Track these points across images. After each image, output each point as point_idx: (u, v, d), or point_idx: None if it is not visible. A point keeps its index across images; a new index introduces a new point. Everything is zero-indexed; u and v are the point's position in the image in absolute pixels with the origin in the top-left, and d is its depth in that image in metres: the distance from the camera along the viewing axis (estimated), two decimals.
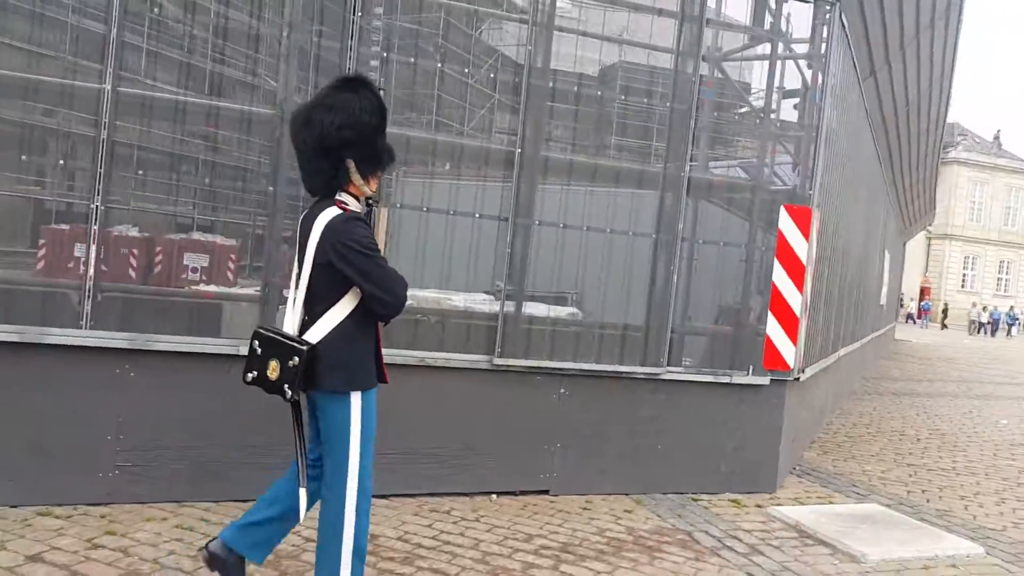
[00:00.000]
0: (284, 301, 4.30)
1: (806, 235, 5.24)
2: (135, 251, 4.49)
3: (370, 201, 2.89)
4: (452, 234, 4.69)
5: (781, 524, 4.63)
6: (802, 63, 5.63)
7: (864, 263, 11.72)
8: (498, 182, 4.67)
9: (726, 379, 5.17)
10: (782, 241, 5.20)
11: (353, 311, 2.75)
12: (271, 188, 4.33)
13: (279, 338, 2.76)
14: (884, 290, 16.91)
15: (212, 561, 2.96)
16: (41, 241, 4.31)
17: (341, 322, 2.75)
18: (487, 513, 4.36)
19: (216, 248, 4.77)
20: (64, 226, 4.37)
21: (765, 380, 5.24)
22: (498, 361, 4.60)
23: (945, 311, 48.20)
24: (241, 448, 4.15)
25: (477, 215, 4.69)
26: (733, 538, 4.30)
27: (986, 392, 13.25)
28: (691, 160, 4.97)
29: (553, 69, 4.69)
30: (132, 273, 4.45)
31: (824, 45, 5.33)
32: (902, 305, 47.92)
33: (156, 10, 4.37)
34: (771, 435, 5.33)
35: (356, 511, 2.80)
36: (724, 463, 5.23)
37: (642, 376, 4.96)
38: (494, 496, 4.64)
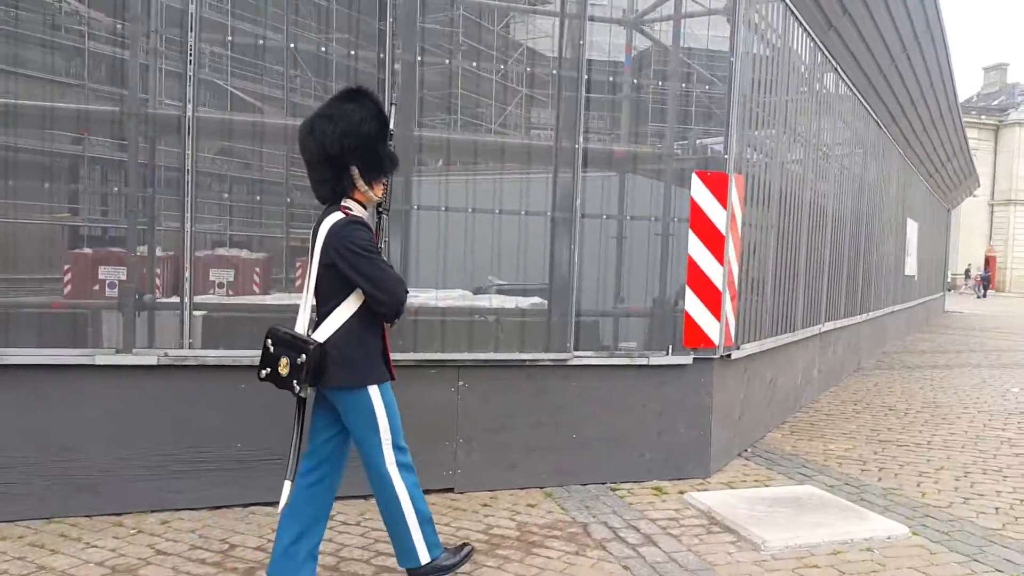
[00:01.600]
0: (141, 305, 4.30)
1: (723, 202, 4.91)
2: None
3: (380, 209, 3.04)
4: None
5: (694, 511, 4.31)
6: (718, 19, 5.28)
7: (872, 232, 11.14)
8: None
9: (643, 361, 4.87)
10: (696, 210, 4.87)
11: (358, 310, 2.92)
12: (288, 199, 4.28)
13: (289, 336, 2.92)
14: (910, 260, 16.09)
15: None
16: (66, 266, 4.41)
17: (347, 320, 2.91)
18: (374, 516, 4.16)
19: (241, 263, 4.87)
20: (88, 250, 4.45)
21: (687, 359, 4.93)
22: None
23: (986, 280, 44.71)
24: (112, 460, 4.05)
25: None
26: (632, 528, 4.02)
27: (1016, 361, 12.44)
28: (585, 132, 4.67)
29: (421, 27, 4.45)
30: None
31: None
32: (968, 275, 45.58)
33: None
34: (699, 417, 5.01)
35: (405, 484, 3.02)
36: (648, 450, 4.92)
37: (548, 363, 4.70)
38: None
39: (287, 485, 2.95)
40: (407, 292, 3.00)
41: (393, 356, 4.39)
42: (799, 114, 7.05)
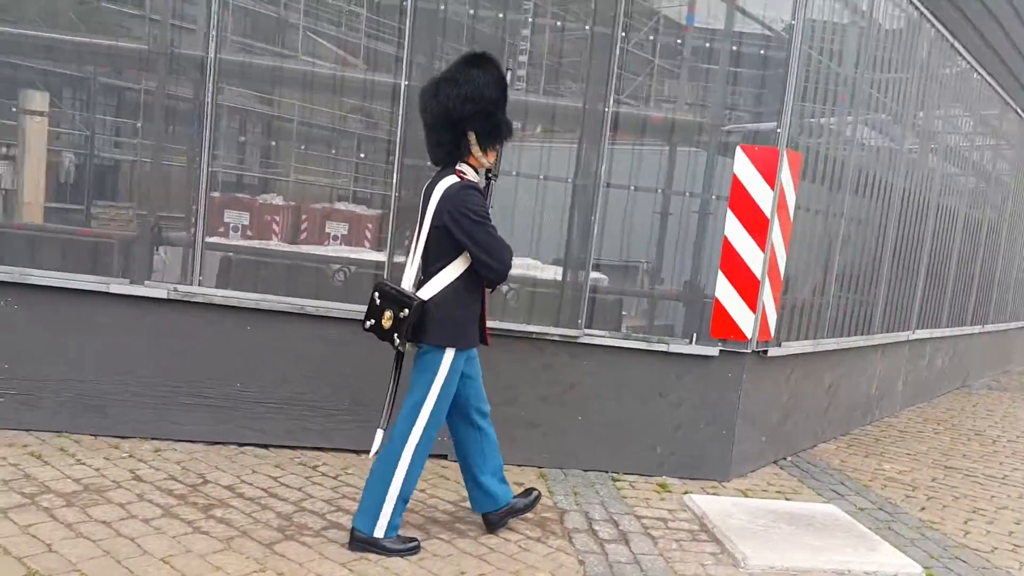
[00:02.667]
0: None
1: (771, 181, 4.45)
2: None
3: (489, 174, 3.10)
4: None
5: (688, 515, 3.98)
6: None
7: (999, 235, 9.98)
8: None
9: (662, 347, 4.53)
10: (738, 188, 4.44)
11: (463, 273, 3.00)
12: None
13: (395, 292, 3.03)
14: None
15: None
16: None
17: (452, 282, 3.00)
18: (356, 471, 4.12)
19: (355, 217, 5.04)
20: (216, 194, 4.78)
21: (713, 350, 4.54)
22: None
23: None
24: (121, 384, 4.21)
25: None
26: (611, 523, 3.76)
27: None
28: (616, 93, 4.33)
29: None
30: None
31: None
32: None
33: None
34: (723, 415, 4.62)
35: (414, 453, 3.09)
36: (661, 443, 4.60)
37: (557, 338, 4.45)
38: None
39: (379, 433, 3.12)
40: (512, 258, 3.06)
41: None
42: (898, 94, 6.31)
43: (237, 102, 4.67)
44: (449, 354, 3.05)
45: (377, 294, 3.07)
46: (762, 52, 4.55)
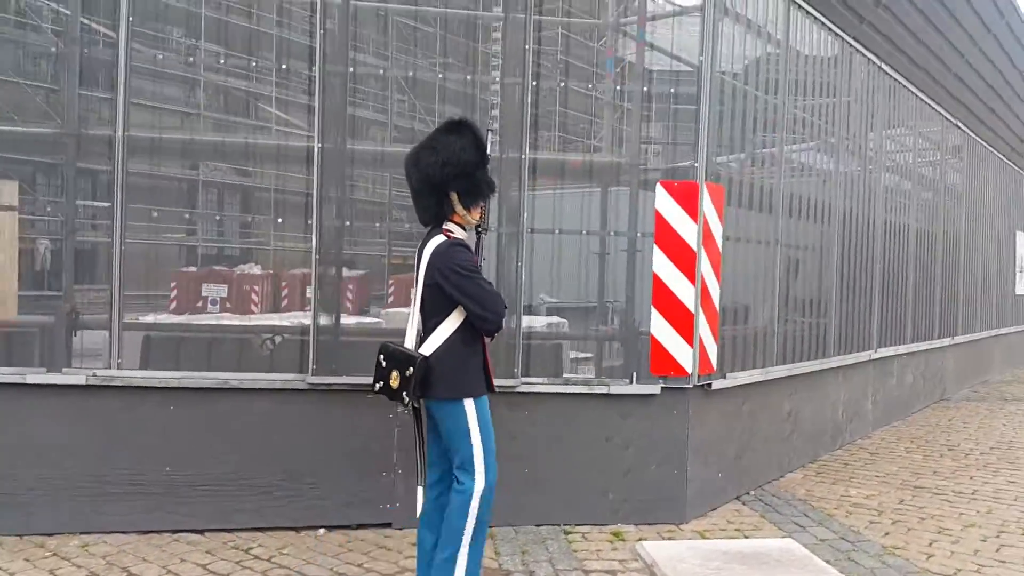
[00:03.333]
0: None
1: (693, 215, 4.41)
2: None
3: (479, 229, 3.21)
4: None
5: (639, 564, 3.82)
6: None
7: (958, 246, 10.02)
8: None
9: (602, 389, 4.42)
10: (661, 224, 4.39)
11: (460, 326, 3.07)
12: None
13: (399, 351, 3.11)
14: None
15: None
16: (172, 284, 4.65)
17: (450, 336, 3.07)
18: (293, 551, 3.94)
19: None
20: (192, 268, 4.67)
21: (654, 388, 4.43)
22: (312, 379, 4.19)
23: None
24: (44, 479, 4.04)
25: None
26: None
27: None
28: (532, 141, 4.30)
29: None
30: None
31: None
32: None
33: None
34: (673, 454, 4.48)
35: (481, 500, 3.13)
36: (612, 489, 4.46)
37: (496, 390, 4.31)
38: (321, 531, 4.21)
39: (419, 491, 3.21)
40: (506, 308, 3.19)
41: (325, 380, 4.27)
42: (828, 118, 6.37)
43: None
44: (469, 405, 3.13)
45: (382, 356, 3.16)
46: (672, 90, 4.57)
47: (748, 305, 5.31)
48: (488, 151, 3.19)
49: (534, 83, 4.29)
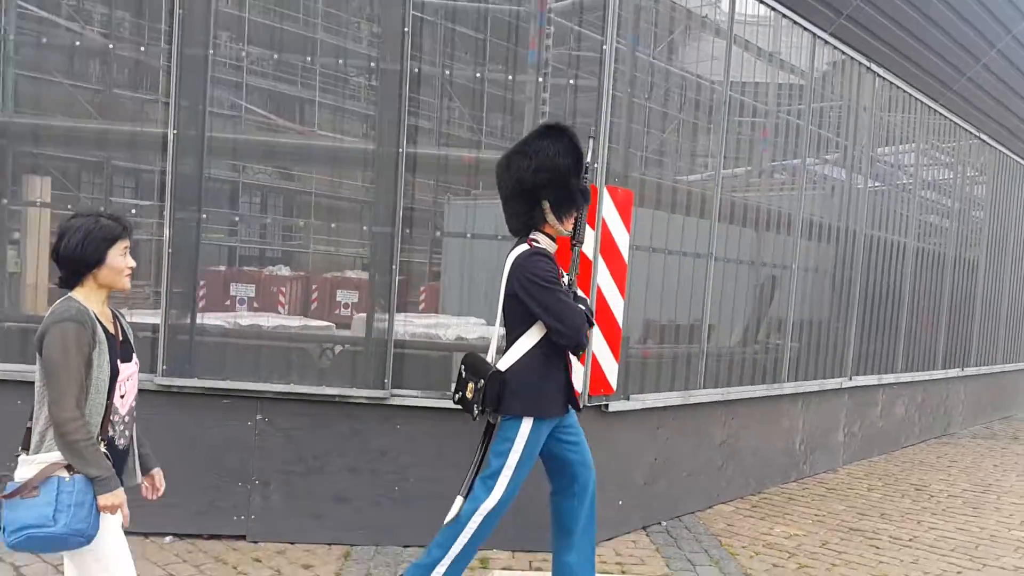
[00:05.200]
0: None
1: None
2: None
3: (573, 242, 3.10)
4: None
5: None
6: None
7: (973, 270, 9.31)
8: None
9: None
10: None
11: (540, 341, 2.97)
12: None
13: (478, 362, 3.07)
14: None
15: None
16: (201, 282, 4.70)
17: (529, 350, 2.98)
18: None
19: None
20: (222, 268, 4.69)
21: None
22: (161, 381, 3.98)
23: None
24: None
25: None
26: None
27: None
28: (411, 135, 4.02)
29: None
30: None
31: None
32: None
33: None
34: None
35: (484, 519, 3.05)
36: None
37: (363, 401, 4.07)
38: (168, 539, 4.00)
39: (458, 500, 3.09)
40: (589, 323, 3.02)
41: (177, 382, 4.05)
42: (785, 111, 5.92)
43: None
44: (526, 424, 2.99)
45: (463, 366, 3.10)
46: (571, 81, 4.24)
47: (674, 323, 4.92)
48: (587, 158, 3.08)
49: (415, 70, 4.02)
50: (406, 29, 3.95)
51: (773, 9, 5.56)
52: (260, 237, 7.03)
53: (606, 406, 4.28)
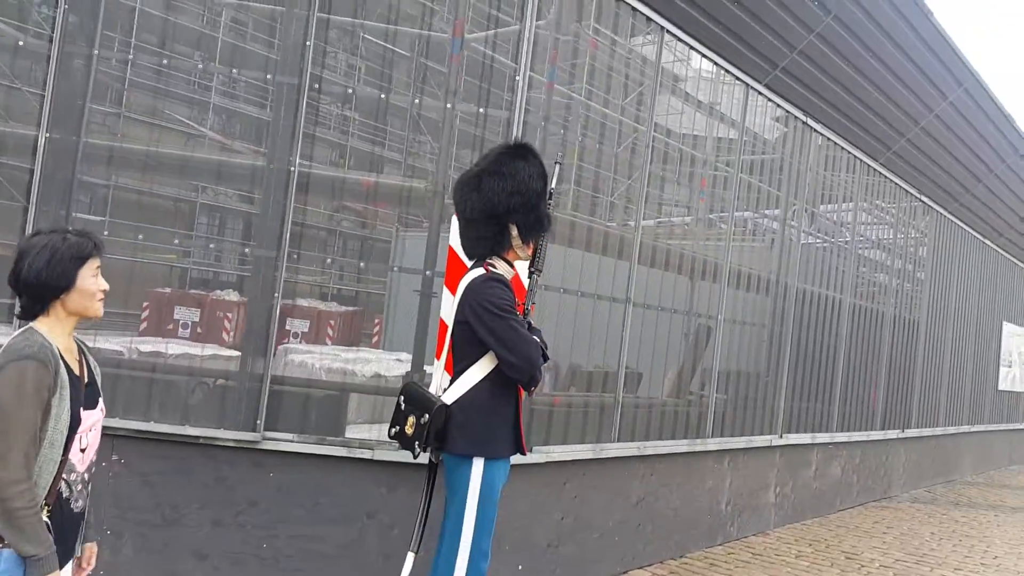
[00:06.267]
0: None
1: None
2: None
3: (532, 269, 2.92)
4: None
5: None
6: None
7: (912, 332, 9.23)
8: None
9: (366, 454, 3.74)
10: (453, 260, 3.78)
11: (491, 373, 2.75)
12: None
13: (420, 394, 2.82)
14: (1009, 372, 13.43)
15: None
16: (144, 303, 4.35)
17: (478, 383, 2.75)
18: None
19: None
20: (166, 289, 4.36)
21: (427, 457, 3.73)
22: None
23: None
24: None
25: None
26: None
27: None
28: (299, 151, 3.73)
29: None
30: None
31: None
32: None
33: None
34: None
35: None
36: (375, 571, 3.73)
37: (231, 444, 3.68)
38: None
39: (409, 557, 2.83)
40: (544, 357, 2.78)
41: None
42: (707, 157, 5.78)
43: None
44: (477, 465, 2.72)
45: (402, 397, 2.86)
46: (481, 109, 4.01)
47: (586, 370, 4.64)
48: (552, 183, 2.94)
49: (316, 86, 3.76)
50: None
51: (704, 56, 5.46)
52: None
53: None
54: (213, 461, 3.67)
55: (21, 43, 3.73)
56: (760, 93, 6.10)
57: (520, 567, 4.12)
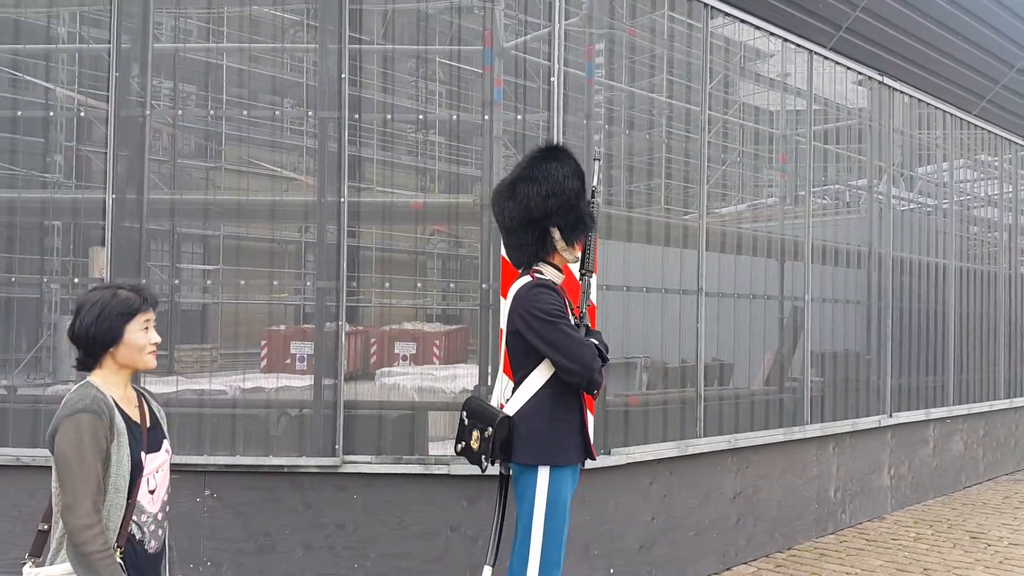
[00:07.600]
0: None
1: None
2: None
3: (582, 271, 2.89)
4: None
5: None
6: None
7: (1007, 287, 8.53)
8: None
9: (442, 469, 3.77)
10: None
11: (550, 380, 2.72)
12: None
13: (482, 408, 2.81)
14: None
15: None
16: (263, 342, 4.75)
17: (538, 392, 2.72)
18: None
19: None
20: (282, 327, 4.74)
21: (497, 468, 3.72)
22: None
23: None
24: None
25: None
26: None
27: None
28: (349, 184, 3.81)
29: None
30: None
31: None
32: None
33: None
34: None
35: None
36: None
37: (313, 470, 3.78)
38: None
39: (487, 570, 2.77)
40: (601, 359, 2.73)
41: None
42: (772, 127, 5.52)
43: None
44: (543, 474, 2.69)
45: (465, 413, 2.83)
46: (520, 117, 3.98)
47: (660, 367, 4.52)
48: (595, 180, 2.93)
49: (356, 116, 3.84)
50: None
51: (757, 28, 5.24)
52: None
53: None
54: (299, 489, 3.79)
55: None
56: (826, 58, 5.79)
57: (612, 571, 4.04)
